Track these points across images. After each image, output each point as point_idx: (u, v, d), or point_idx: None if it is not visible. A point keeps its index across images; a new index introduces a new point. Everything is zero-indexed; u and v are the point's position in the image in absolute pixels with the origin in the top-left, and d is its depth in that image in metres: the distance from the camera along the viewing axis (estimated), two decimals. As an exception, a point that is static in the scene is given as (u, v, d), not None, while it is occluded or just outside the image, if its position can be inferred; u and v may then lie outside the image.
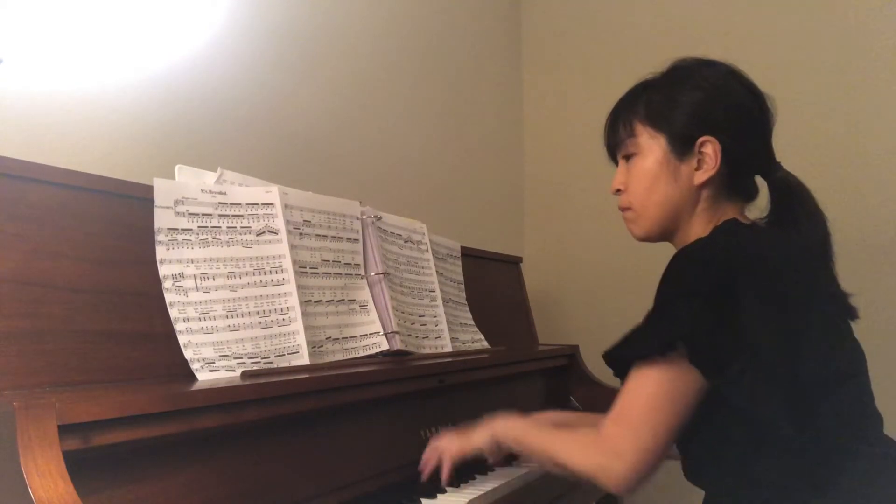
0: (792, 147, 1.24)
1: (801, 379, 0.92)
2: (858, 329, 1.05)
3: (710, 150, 1.05)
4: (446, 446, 1.17)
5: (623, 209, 1.15)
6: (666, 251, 1.15)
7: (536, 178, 2.76)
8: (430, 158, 2.21)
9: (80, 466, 0.70)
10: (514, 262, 2.08)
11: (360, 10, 1.92)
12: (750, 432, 0.95)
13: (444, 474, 1.15)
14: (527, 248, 2.69)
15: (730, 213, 1.08)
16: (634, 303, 2.35)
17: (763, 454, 0.95)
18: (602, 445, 0.98)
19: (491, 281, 1.93)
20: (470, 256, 1.78)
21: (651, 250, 1.24)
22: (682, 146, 1.06)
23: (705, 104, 1.06)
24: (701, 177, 1.06)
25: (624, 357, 1.00)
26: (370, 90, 1.95)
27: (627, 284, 2.42)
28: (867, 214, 2.10)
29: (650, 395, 0.95)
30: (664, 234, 1.12)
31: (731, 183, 1.08)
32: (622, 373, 1.01)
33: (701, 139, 1.05)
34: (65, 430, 0.70)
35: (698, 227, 1.09)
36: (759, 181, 1.12)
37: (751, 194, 1.12)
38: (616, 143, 1.14)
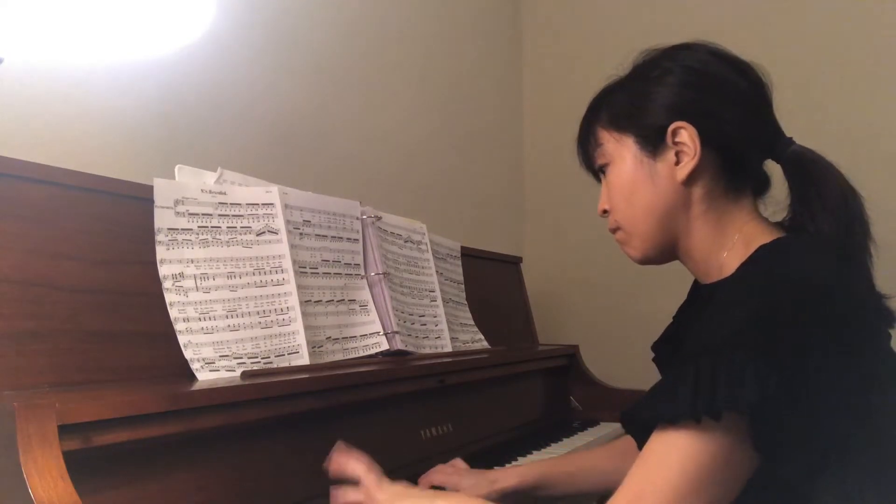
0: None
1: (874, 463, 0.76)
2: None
3: (685, 138, 0.89)
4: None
5: (613, 231, 0.99)
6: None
7: (536, 178, 2.75)
8: (430, 158, 2.21)
9: (80, 466, 0.70)
10: (514, 262, 2.08)
11: (360, 8, 1.92)
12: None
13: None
14: (527, 248, 2.69)
15: (740, 213, 0.92)
16: (635, 303, 2.38)
17: None
18: None
19: (491, 281, 1.93)
20: (470, 256, 1.78)
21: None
22: (654, 141, 0.91)
23: (675, 88, 0.90)
24: (682, 171, 0.89)
25: (657, 419, 0.76)
26: (370, 89, 1.95)
27: (628, 284, 2.41)
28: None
29: (688, 469, 0.71)
30: (664, 250, 0.96)
31: (729, 173, 0.91)
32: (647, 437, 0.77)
33: (672, 127, 0.89)
34: (65, 430, 0.69)
35: (702, 233, 0.92)
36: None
37: (760, 185, 0.95)
38: (587, 160, 1.01)
